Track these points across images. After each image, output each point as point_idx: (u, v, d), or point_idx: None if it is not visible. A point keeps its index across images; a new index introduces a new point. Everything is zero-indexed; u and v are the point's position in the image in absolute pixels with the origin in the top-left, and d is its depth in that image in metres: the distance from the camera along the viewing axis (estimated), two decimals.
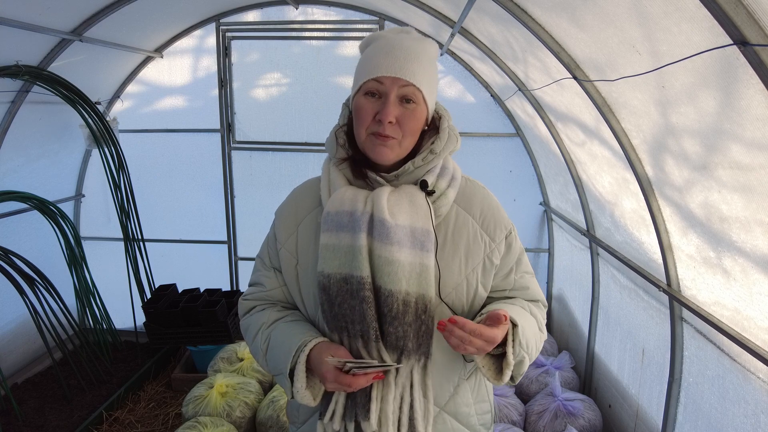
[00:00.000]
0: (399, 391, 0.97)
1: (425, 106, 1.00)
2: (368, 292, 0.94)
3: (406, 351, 0.95)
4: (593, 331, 2.85)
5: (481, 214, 1.05)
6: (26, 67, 2.74)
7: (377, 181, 1.01)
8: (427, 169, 1.02)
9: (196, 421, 2.47)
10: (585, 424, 2.50)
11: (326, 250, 0.98)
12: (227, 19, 3.48)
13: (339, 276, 0.96)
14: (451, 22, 2.67)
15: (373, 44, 1.01)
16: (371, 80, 0.97)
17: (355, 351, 0.97)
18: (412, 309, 0.94)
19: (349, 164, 1.05)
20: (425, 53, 1.00)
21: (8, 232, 3.11)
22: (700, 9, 0.97)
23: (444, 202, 1.02)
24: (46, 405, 2.89)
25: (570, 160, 2.63)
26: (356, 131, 1.01)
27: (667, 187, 1.66)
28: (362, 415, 0.95)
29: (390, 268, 0.93)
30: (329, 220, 0.98)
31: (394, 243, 0.93)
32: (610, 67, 1.57)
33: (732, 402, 1.60)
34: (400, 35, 1.01)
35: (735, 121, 1.14)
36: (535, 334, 1.03)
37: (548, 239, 3.65)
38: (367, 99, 0.98)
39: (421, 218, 0.97)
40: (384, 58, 0.97)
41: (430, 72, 1.00)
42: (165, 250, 3.87)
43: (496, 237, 1.04)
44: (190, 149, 3.77)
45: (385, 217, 0.94)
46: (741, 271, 1.41)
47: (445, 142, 1.03)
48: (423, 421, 0.97)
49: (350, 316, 0.96)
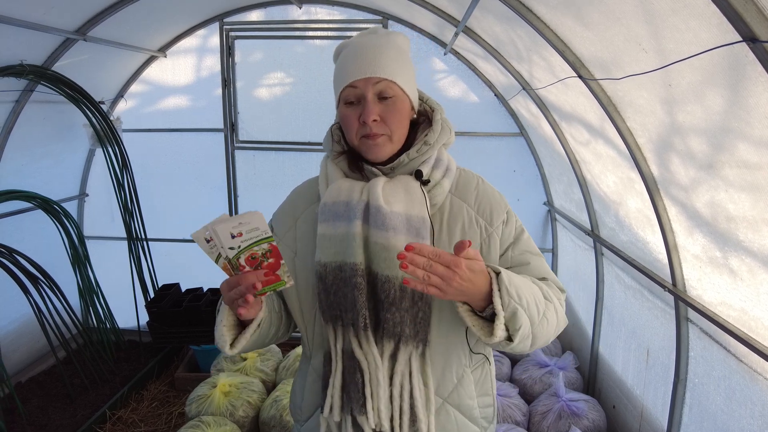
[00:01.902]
0: (398, 379, 0.97)
1: (405, 95, 1.01)
2: (360, 278, 0.95)
3: (403, 337, 0.96)
4: (597, 332, 2.84)
5: (476, 199, 1.06)
6: (30, 67, 2.74)
7: (373, 172, 1.03)
8: (422, 160, 1.04)
9: (200, 420, 2.47)
10: (589, 424, 2.49)
11: (323, 240, 1.00)
12: (231, 19, 3.48)
13: (334, 264, 0.98)
14: (455, 21, 2.66)
15: (342, 53, 1.04)
16: (346, 88, 0.99)
17: (347, 341, 0.98)
18: (409, 295, 0.95)
19: (345, 158, 1.07)
20: (392, 46, 1.01)
21: (12, 231, 3.12)
22: (708, 6, 0.96)
23: (439, 191, 1.03)
24: (50, 404, 2.89)
25: (574, 160, 2.62)
26: (348, 139, 1.04)
27: (673, 187, 1.65)
28: (357, 409, 0.96)
29: (386, 253, 0.94)
30: (326, 211, 1.01)
31: (389, 229, 0.94)
32: (616, 66, 1.56)
33: (738, 403, 1.59)
34: (366, 37, 1.03)
35: (743, 119, 1.13)
36: (534, 294, 0.92)
37: (552, 239, 3.63)
38: (348, 107, 1.01)
39: (416, 206, 0.98)
40: (352, 63, 0.99)
41: (402, 61, 1.01)
42: (168, 250, 3.87)
43: (493, 221, 1.04)
44: (194, 149, 3.77)
45: (381, 204, 0.95)
46: (748, 271, 1.39)
47: (439, 134, 1.04)
48: (424, 408, 0.97)
49: (343, 303, 0.97)
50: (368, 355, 0.97)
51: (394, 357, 0.97)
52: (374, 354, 0.96)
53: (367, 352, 0.97)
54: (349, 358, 0.99)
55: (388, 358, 0.97)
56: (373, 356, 0.96)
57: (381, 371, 0.96)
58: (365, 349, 0.97)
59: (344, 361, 0.99)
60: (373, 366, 0.96)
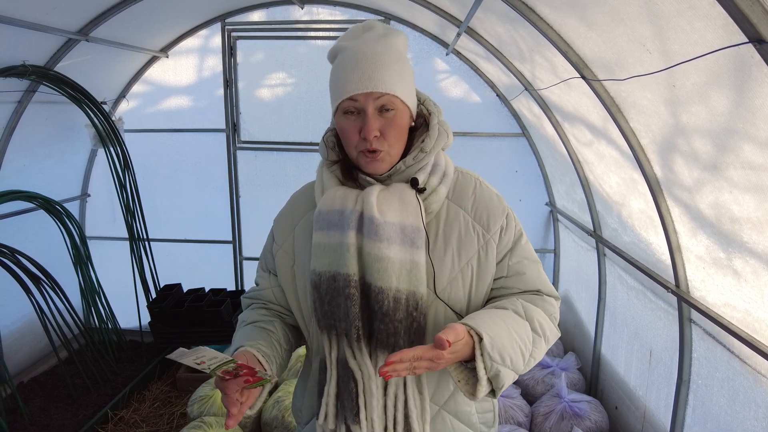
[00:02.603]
0: (392, 390, 0.96)
1: (405, 107, 0.99)
2: (353, 289, 0.94)
3: (397, 348, 0.94)
4: (599, 333, 2.83)
5: (473, 205, 1.04)
6: (33, 67, 2.74)
7: (368, 181, 1.02)
8: (419, 167, 1.02)
9: (201, 421, 2.47)
10: (591, 425, 2.48)
11: (317, 249, 0.99)
12: (233, 19, 3.48)
13: (328, 274, 0.97)
14: (457, 21, 2.66)
15: (339, 56, 1.00)
16: (346, 100, 0.96)
17: (342, 350, 0.98)
18: (403, 306, 0.94)
19: (339, 166, 1.06)
20: (392, 52, 0.98)
21: (14, 231, 3.12)
22: (714, 6, 0.95)
23: (435, 198, 1.01)
24: (52, 404, 2.89)
25: (577, 161, 2.61)
26: (346, 150, 1.02)
27: (677, 188, 1.65)
28: (351, 419, 0.96)
29: (379, 264, 0.93)
30: (320, 219, 1.00)
31: (383, 240, 0.93)
32: (620, 67, 1.56)
33: (742, 404, 1.58)
34: (363, 37, 0.99)
35: (748, 120, 1.13)
36: (520, 342, 0.94)
37: (554, 240, 3.63)
38: (347, 118, 0.98)
39: (411, 215, 0.96)
40: (351, 73, 0.95)
41: (402, 71, 0.98)
42: (170, 250, 3.87)
43: (490, 228, 1.02)
44: (196, 149, 3.77)
45: (374, 215, 0.94)
46: (752, 273, 1.39)
47: (435, 140, 1.02)
48: (419, 419, 0.96)
49: (337, 313, 0.96)
50: (362, 366, 0.96)
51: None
52: (367, 365, 0.95)
53: (361, 363, 0.96)
54: (343, 367, 0.98)
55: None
56: (366, 367, 0.95)
57: (374, 381, 0.95)
58: (359, 359, 0.96)
59: (339, 369, 0.99)
60: (367, 376, 0.95)
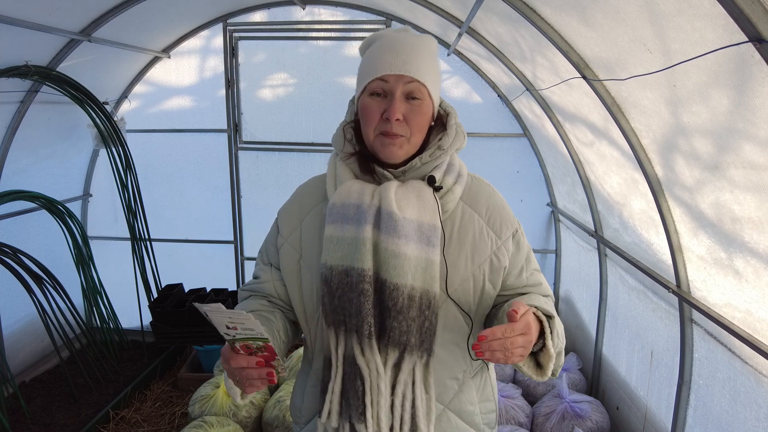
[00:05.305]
0: (401, 389, 0.95)
1: (431, 101, 1.00)
2: (367, 285, 0.94)
3: (408, 347, 0.94)
4: (601, 333, 2.83)
5: (487, 211, 1.05)
6: (35, 68, 2.75)
7: (384, 175, 1.01)
8: (434, 165, 1.02)
9: (203, 420, 2.48)
10: (593, 426, 2.48)
11: (330, 242, 0.98)
12: (234, 20, 3.49)
13: (341, 268, 0.96)
14: (458, 21, 2.66)
15: (375, 44, 1.02)
16: (376, 80, 0.97)
17: (349, 347, 0.96)
18: (417, 304, 0.94)
19: (356, 159, 1.05)
20: (427, 49, 1.01)
21: (16, 231, 3.13)
22: (714, 6, 0.95)
23: (451, 198, 1.02)
24: (54, 403, 2.90)
25: (578, 161, 2.61)
26: (364, 131, 1.01)
27: (678, 188, 1.65)
28: (356, 417, 0.95)
29: (396, 261, 0.93)
30: (335, 212, 0.99)
31: (401, 236, 0.93)
32: (620, 66, 1.56)
33: (743, 405, 1.58)
34: (400, 33, 1.02)
35: (749, 119, 1.13)
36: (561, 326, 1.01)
37: (555, 240, 3.63)
38: (372, 99, 0.98)
39: (428, 213, 0.97)
40: (387, 56, 0.97)
41: (433, 67, 1.01)
42: (172, 250, 3.88)
43: (502, 234, 1.04)
44: (197, 149, 3.77)
45: (393, 210, 0.94)
46: (753, 273, 1.39)
47: (453, 139, 1.03)
48: (425, 418, 0.96)
49: (348, 309, 0.95)
50: (370, 363, 0.95)
51: (397, 366, 0.96)
52: (377, 362, 0.94)
53: (369, 360, 0.95)
54: (350, 364, 0.96)
55: (391, 367, 0.95)
56: (375, 364, 0.94)
57: (383, 380, 0.94)
58: (368, 356, 0.95)
59: (345, 367, 0.97)
60: (375, 374, 0.94)
